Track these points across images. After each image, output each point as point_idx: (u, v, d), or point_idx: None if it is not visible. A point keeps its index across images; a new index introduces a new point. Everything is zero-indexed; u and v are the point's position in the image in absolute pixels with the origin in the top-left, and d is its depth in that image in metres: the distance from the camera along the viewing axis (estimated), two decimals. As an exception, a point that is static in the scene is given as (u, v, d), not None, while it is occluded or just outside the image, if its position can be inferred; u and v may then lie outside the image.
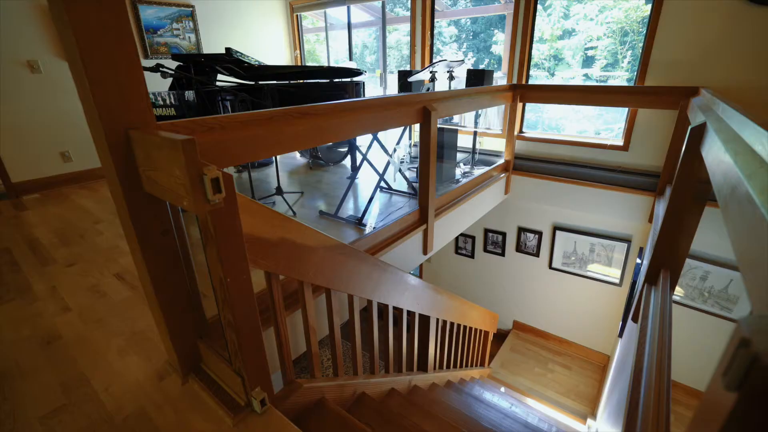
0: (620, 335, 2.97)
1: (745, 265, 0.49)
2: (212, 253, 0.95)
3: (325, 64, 6.10)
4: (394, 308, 1.94)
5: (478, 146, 3.85)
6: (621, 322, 3.00)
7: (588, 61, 6.97)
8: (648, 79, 3.17)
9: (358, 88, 3.37)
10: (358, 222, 2.51)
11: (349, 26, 5.11)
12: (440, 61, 2.93)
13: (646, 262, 2.64)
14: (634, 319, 1.97)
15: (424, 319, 2.39)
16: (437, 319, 2.51)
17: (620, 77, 6.51)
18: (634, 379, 1.26)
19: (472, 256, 4.97)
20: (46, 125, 3.54)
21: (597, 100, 3.25)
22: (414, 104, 2.13)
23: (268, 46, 5.34)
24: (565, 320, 4.55)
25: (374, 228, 2.23)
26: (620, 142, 3.41)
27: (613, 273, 3.98)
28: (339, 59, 6.45)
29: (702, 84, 2.88)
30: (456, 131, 3.34)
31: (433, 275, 5.52)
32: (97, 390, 1.32)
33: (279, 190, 2.87)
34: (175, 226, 1.15)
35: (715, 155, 1.08)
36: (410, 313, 2.21)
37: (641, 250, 3.36)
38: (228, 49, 2.51)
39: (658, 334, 1.34)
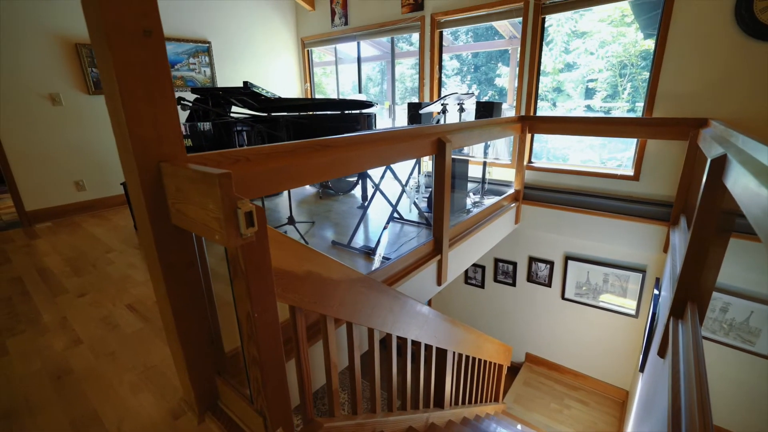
0: (641, 370, 2.86)
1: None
2: (241, 287, 0.93)
3: (333, 97, 6.28)
4: (412, 342, 1.88)
5: (487, 176, 3.87)
6: (641, 356, 2.90)
7: (589, 93, 7.15)
8: (656, 111, 3.21)
9: (369, 120, 3.43)
10: (372, 253, 2.50)
11: (359, 60, 5.29)
12: (451, 94, 3.00)
13: (666, 294, 2.58)
14: (661, 354, 1.90)
15: (441, 353, 2.32)
16: (454, 353, 2.43)
17: (621, 108, 6.65)
18: (673, 422, 1.20)
19: (482, 286, 4.89)
20: (63, 155, 3.61)
21: (606, 131, 3.28)
22: (429, 136, 2.16)
23: (279, 78, 5.51)
24: (580, 353, 4.41)
25: (390, 259, 2.21)
26: (631, 172, 3.42)
27: (629, 304, 3.88)
28: (344, 91, 6.64)
29: (709, 115, 2.92)
30: (467, 161, 3.37)
31: (442, 306, 5.42)
32: (108, 429, 1.27)
33: (291, 220, 2.87)
34: (199, 259, 1.14)
35: (747, 188, 1.07)
36: (426, 347, 2.15)
37: (657, 281, 3.30)
38: (246, 83, 2.58)
39: (694, 372, 1.28)
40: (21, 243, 3.07)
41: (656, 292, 3.07)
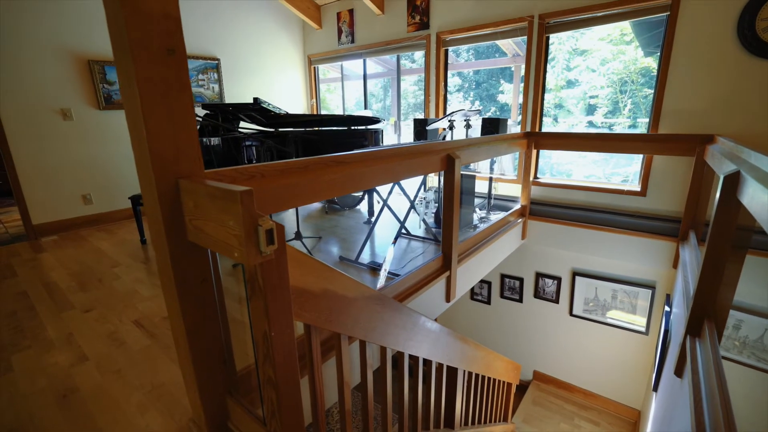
0: (655, 389, 2.80)
1: None
2: (258, 305, 0.91)
3: (336, 112, 6.36)
4: (421, 360, 1.85)
5: (492, 191, 3.87)
6: (654, 375, 2.84)
7: (590, 109, 7.23)
8: (661, 127, 3.23)
9: (377, 136, 3.46)
10: (380, 268, 2.48)
11: (365, 77, 5.36)
12: (458, 110, 3.02)
13: (678, 311, 2.54)
14: (678, 374, 1.86)
15: (451, 371, 2.27)
16: (464, 371, 2.38)
17: (622, 124, 6.72)
18: (699, 446, 1.16)
19: (488, 302, 4.84)
20: (72, 169, 3.64)
21: (613, 147, 3.29)
22: (439, 152, 2.16)
23: (285, 94, 5.59)
24: (589, 371, 4.33)
25: (399, 275, 2.19)
26: (637, 188, 3.42)
27: (638, 321, 3.82)
28: (348, 107, 6.72)
29: (716, 131, 2.93)
30: (473, 177, 3.38)
31: (448, 322, 5.35)
32: (115, 451, 1.24)
33: (298, 235, 2.86)
34: (213, 276, 1.12)
35: (766, 204, 1.07)
36: (437, 365, 2.10)
37: (668, 297, 3.25)
38: (256, 99, 2.61)
39: (718, 393, 1.25)
40: (27, 256, 3.07)
41: (667, 308, 3.03)
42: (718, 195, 1.61)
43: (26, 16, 3.25)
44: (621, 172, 6.18)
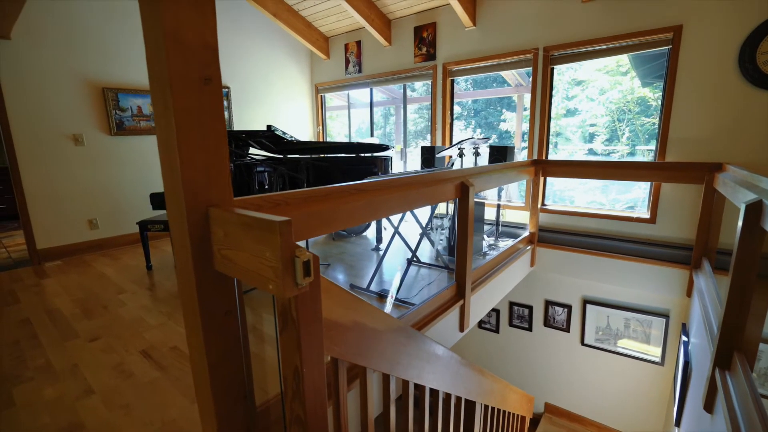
0: (677, 424, 2.68)
1: None
2: (290, 340, 0.87)
3: (339, 139, 6.44)
4: (441, 393, 1.78)
5: (500, 218, 3.87)
6: (676, 409, 2.73)
7: (589, 137, 7.38)
8: (668, 155, 3.26)
9: (386, 163, 3.48)
10: (392, 297, 2.43)
11: (371, 105, 5.46)
12: (468, 138, 3.06)
13: (698, 341, 2.47)
14: (708, 409, 1.78)
15: (469, 405, 2.18)
16: (482, 405, 2.29)
17: (621, 151, 6.83)
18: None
19: (496, 331, 4.73)
20: (80, 193, 3.64)
21: (621, 175, 3.31)
22: (453, 180, 2.16)
23: (293, 121, 5.68)
24: (603, 403, 4.18)
25: (414, 305, 2.15)
26: (647, 215, 3.41)
27: (653, 351, 3.73)
28: (348, 134, 6.84)
29: (723, 159, 2.96)
30: (483, 204, 3.38)
31: (455, 351, 5.21)
32: (124, 495, 1.16)
33: (308, 261, 2.82)
34: (239, 307, 1.09)
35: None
36: (452, 397, 2.02)
37: (684, 326, 3.19)
38: (269, 126, 2.64)
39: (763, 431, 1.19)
40: (30, 282, 3.01)
41: (684, 338, 2.96)
42: (740, 224, 1.60)
43: (46, 44, 3.33)
44: (622, 198, 6.23)
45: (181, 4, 0.88)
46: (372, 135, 5.49)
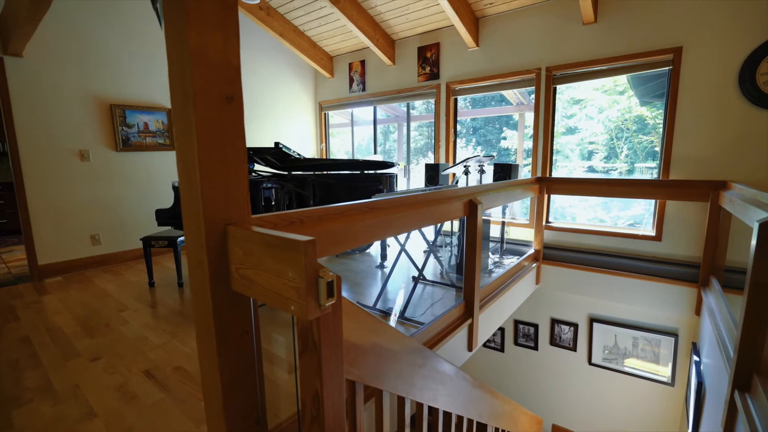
0: (691, 449, 2.61)
1: None
2: (311, 363, 0.85)
3: (339, 156, 6.48)
4: (454, 416, 1.73)
5: (505, 236, 3.85)
6: (690, 430, 2.66)
7: (588, 154, 7.46)
8: (672, 172, 3.28)
9: (391, 180, 3.49)
10: (396, 315, 2.40)
11: (375, 123, 5.52)
12: (473, 156, 3.08)
13: (712, 362, 2.43)
14: (727, 434, 1.73)
15: (480, 427, 2.12)
16: (493, 428, 2.23)
17: (619, 168, 6.89)
18: None
19: (501, 350, 4.66)
20: (84, 209, 3.62)
21: (625, 192, 3.32)
22: (461, 198, 2.16)
23: (296, 138, 5.72)
24: (613, 424, 4.07)
25: (423, 324, 2.11)
26: (652, 232, 3.41)
27: (662, 371, 3.66)
28: (348, 151, 6.89)
29: (727, 177, 2.97)
30: (488, 221, 3.37)
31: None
32: None
33: (314, 278, 2.79)
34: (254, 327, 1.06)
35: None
36: (464, 420, 1.97)
37: (694, 345, 3.14)
38: (277, 143, 2.65)
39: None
40: (30, 299, 2.96)
41: (696, 358, 2.91)
42: (753, 242, 1.60)
43: (57, 62, 3.38)
44: (623, 215, 6.25)
45: (207, 24, 0.88)
46: (375, 152, 5.53)
